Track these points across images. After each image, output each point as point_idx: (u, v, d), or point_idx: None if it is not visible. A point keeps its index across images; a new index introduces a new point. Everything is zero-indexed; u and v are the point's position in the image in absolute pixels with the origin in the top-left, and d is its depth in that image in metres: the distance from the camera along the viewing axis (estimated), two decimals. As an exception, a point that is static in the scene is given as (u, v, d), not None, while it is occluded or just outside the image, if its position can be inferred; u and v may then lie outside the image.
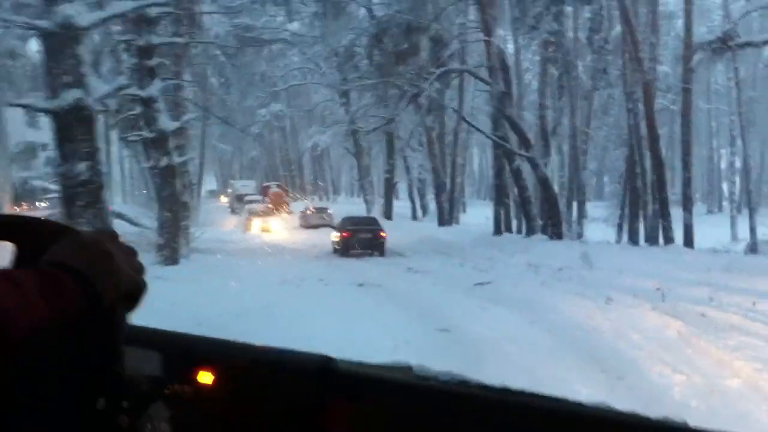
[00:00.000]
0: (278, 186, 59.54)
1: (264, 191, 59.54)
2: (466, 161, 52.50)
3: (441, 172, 36.54)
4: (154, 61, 14.64)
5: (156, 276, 11.59)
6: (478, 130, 27.38)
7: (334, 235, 26.20)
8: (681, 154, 27.02)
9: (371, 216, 29.93)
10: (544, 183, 25.70)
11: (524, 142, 25.54)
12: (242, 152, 75.65)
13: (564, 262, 17.97)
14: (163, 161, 14.52)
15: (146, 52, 14.45)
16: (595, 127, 46.13)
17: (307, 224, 39.92)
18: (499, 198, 30.33)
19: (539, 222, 27.66)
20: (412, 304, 12.45)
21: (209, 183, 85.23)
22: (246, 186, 62.43)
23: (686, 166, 26.63)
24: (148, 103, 14.48)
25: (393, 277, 17.05)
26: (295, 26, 44.06)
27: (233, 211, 55.24)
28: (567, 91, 30.18)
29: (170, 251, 14.49)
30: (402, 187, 56.48)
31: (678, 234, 25.34)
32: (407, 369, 1.24)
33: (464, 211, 60.93)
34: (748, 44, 20.43)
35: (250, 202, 50.73)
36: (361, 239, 24.82)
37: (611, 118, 46.05)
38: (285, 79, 52.92)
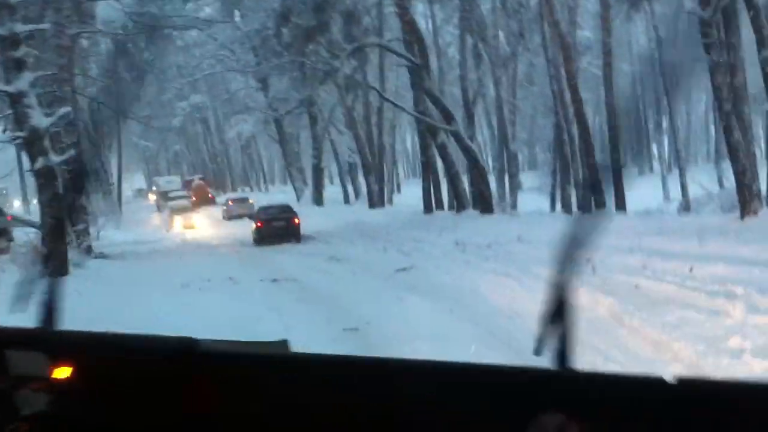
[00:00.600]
0: (201, 179, 58.39)
1: (187, 186, 58.13)
2: (395, 140, 51.49)
3: (367, 152, 35.28)
4: (20, 52, 13.02)
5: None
6: (397, 105, 26.12)
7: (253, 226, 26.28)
8: (606, 118, 26.31)
9: (285, 204, 29.56)
10: (469, 155, 24.70)
11: (446, 116, 24.49)
12: (167, 148, 73.18)
13: (493, 237, 16.97)
14: (39, 162, 12.95)
15: (10, 42, 12.84)
16: (521, 98, 45.68)
17: (230, 216, 39.43)
18: (427, 175, 29.25)
19: (469, 197, 26.77)
20: (325, 299, 11.28)
21: (138, 181, 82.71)
22: (170, 182, 60.44)
23: (612, 129, 25.99)
24: (16, 98, 12.89)
25: (311, 268, 15.83)
26: (206, 11, 42.29)
27: (159, 209, 53.36)
28: (488, 60, 29.19)
29: (57, 261, 13.01)
30: (334, 171, 55.28)
31: (610, 200, 24.78)
32: (283, 344, 1.28)
33: (398, 191, 60.10)
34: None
35: (174, 198, 49.09)
36: (276, 228, 24.85)
37: (536, 87, 45.65)
38: (201, 69, 50.95)
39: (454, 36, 38.30)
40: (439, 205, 31.09)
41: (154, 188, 64.33)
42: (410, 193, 49.47)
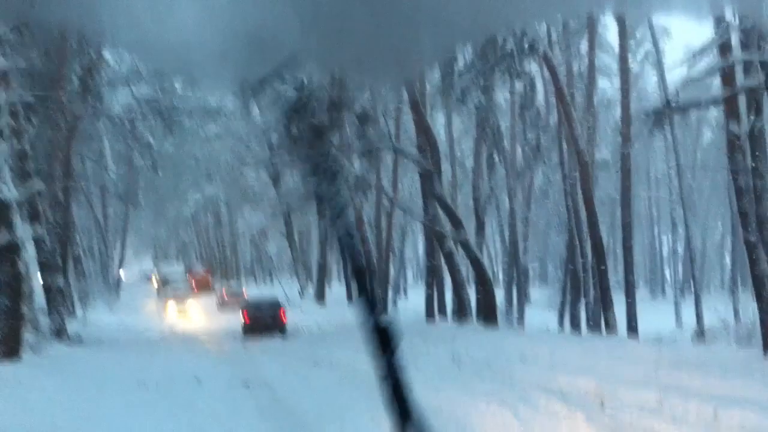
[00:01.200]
0: (205, 270, 58.22)
1: (191, 274, 57.97)
2: (405, 245, 50.40)
3: (373, 255, 34.12)
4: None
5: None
6: (404, 209, 25.06)
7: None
8: (622, 239, 25.13)
9: (274, 298, 29.67)
10: (476, 265, 23.44)
11: (455, 223, 23.39)
12: (178, 235, 72.43)
13: (493, 354, 15.54)
14: (3, 236, 11.78)
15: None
16: (535, 212, 44.76)
17: (222, 305, 39.80)
18: (432, 281, 27.93)
19: (473, 308, 25.36)
20: (295, 416, 9.82)
21: (147, 266, 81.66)
22: (173, 270, 59.58)
23: (627, 250, 24.78)
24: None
25: (292, 373, 14.36)
26: (225, 105, 42.22)
27: (159, 295, 52.24)
28: (503, 171, 28.37)
29: (8, 344, 11.69)
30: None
31: (621, 321, 23.40)
32: None
33: (405, 295, 58.57)
34: (690, 106, 18.65)
35: (174, 287, 48.27)
36: (262, 322, 24.91)
37: (550, 202, 44.76)
38: (216, 161, 50.62)
39: (469, 145, 37.85)
40: (443, 312, 29.65)
41: (156, 274, 63.37)
42: (417, 299, 47.98)
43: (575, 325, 34.54)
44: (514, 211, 36.47)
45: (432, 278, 27.73)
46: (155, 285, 58.44)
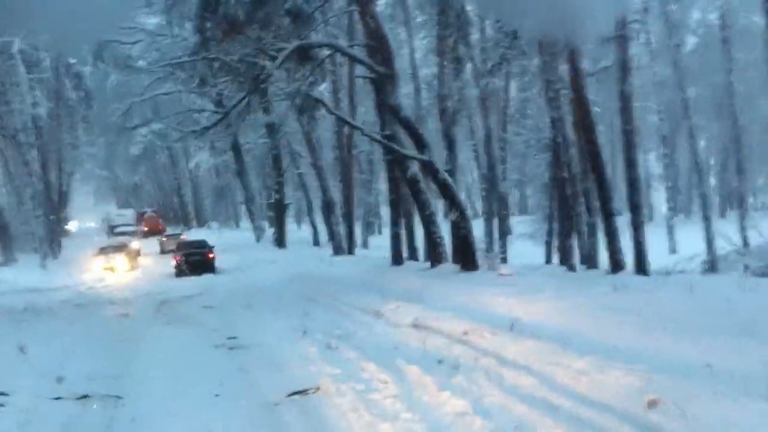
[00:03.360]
0: (153, 212, 53.95)
1: (140, 218, 53.78)
2: (375, 178, 45.34)
3: (330, 188, 29.03)
4: None
5: None
6: (355, 127, 19.64)
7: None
8: (624, 149, 20.15)
9: (203, 240, 31.38)
10: (447, 192, 18.49)
11: (417, 142, 18.39)
12: (130, 179, 66.74)
13: (471, 316, 10.80)
14: None
15: None
16: (510, 130, 39.94)
17: (163, 249, 39.22)
18: (396, 217, 22.96)
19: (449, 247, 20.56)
20: None
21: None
22: (122, 215, 54.52)
23: (631, 166, 19.92)
24: None
25: (183, 357, 9.60)
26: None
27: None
28: (472, 71, 23.20)
29: None
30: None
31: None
32: None
33: (379, 232, 53.98)
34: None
35: (119, 232, 43.62)
36: (192, 262, 26.94)
37: (531, 114, 39.93)
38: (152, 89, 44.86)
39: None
40: (414, 254, 24.87)
41: (103, 220, 58.37)
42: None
43: (566, 260, 30.08)
44: (490, 129, 31.56)
45: (397, 214, 22.74)
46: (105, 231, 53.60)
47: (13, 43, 34.40)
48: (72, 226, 77.87)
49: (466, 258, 18.15)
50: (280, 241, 37.30)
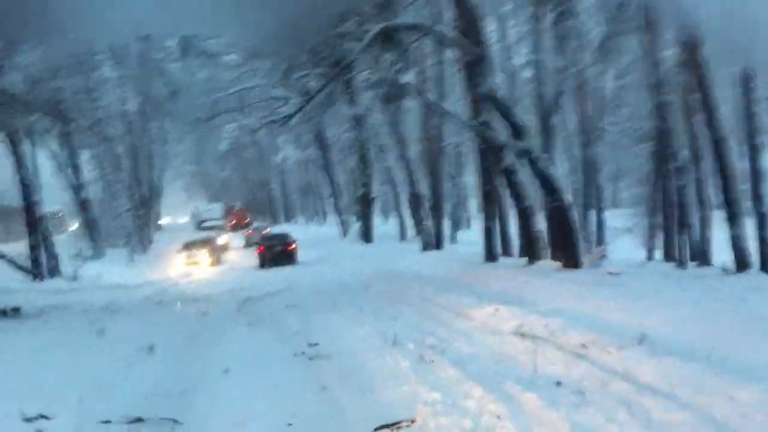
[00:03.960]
0: (242, 207, 53.98)
1: (229, 212, 54.04)
2: (465, 170, 43.59)
3: (418, 181, 27.62)
4: None
5: None
6: (448, 114, 18.08)
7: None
8: (747, 135, 17.98)
9: (285, 233, 32.40)
10: (547, 184, 16.84)
11: (514, 128, 16.79)
12: (219, 174, 67.02)
13: (587, 325, 9.30)
14: None
15: None
16: (609, 122, 37.68)
17: (248, 244, 39.36)
18: (490, 211, 21.34)
19: (544, 242, 18.89)
20: None
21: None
22: (210, 210, 54.56)
23: (755, 150, 17.76)
24: None
25: (259, 368, 8.43)
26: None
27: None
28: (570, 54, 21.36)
29: None
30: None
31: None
32: None
33: (468, 227, 52.25)
34: None
35: (205, 228, 43.54)
36: (275, 252, 28.11)
37: (627, 109, 37.60)
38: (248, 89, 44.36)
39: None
40: (507, 250, 23.24)
41: (192, 215, 58.69)
42: (480, 231, 41.69)
43: (671, 257, 27.83)
44: (586, 116, 29.55)
45: (491, 207, 21.12)
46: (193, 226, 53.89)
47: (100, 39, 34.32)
48: (164, 221, 79.19)
49: (567, 254, 16.49)
50: (366, 235, 36.19)
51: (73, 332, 11.36)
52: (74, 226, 43.91)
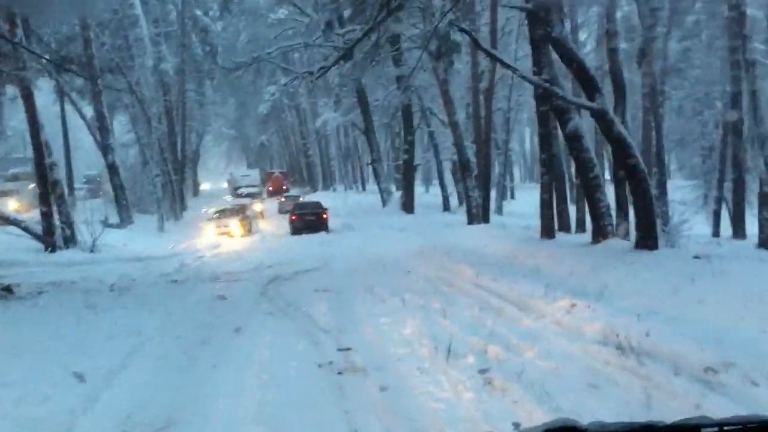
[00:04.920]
0: (280, 173, 52.25)
1: (268, 178, 52.34)
2: (510, 134, 41.06)
3: (464, 147, 25.08)
4: None
5: None
6: (509, 67, 15.46)
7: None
8: None
9: (317, 202, 32.12)
10: (621, 151, 14.28)
11: (587, 86, 14.23)
12: (258, 139, 65.06)
13: (699, 335, 6.94)
14: None
15: None
16: (672, 87, 34.80)
17: (281, 210, 38.52)
18: (549, 180, 18.76)
19: (611, 218, 16.37)
20: None
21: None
22: (246, 176, 52.69)
23: None
24: None
25: (268, 385, 6.21)
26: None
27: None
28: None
29: None
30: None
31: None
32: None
33: (512, 197, 49.73)
34: None
35: (244, 195, 41.65)
36: (307, 221, 28.06)
37: (694, 72, 34.70)
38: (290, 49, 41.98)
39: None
40: (564, 225, 20.73)
41: (228, 182, 56.96)
42: (525, 202, 39.06)
43: (739, 235, 25.23)
44: (655, 79, 26.68)
45: (549, 176, 18.54)
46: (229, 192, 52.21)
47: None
48: (205, 187, 77.79)
49: (644, 232, 13.97)
50: (408, 205, 33.91)
51: (51, 325, 9.28)
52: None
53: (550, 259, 14.13)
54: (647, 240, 13.75)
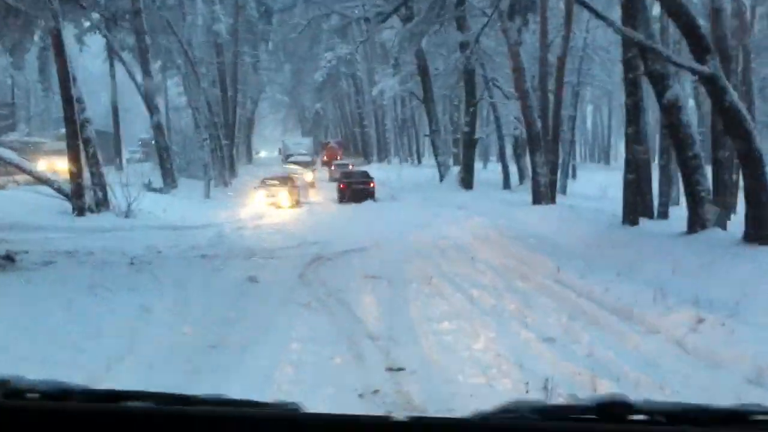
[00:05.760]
0: (337, 142, 50.39)
1: (323, 148, 50.51)
2: (577, 107, 38.24)
3: (535, 124, 22.49)
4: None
5: None
6: (604, 18, 12.91)
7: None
8: None
9: (364, 171, 32.82)
10: (734, 125, 11.74)
11: (696, 46, 11.68)
12: (313, 106, 63.08)
13: None
14: None
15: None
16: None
17: (331, 178, 38.61)
18: (636, 158, 16.15)
19: (709, 201, 13.80)
20: None
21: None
22: (299, 144, 50.84)
23: None
24: None
25: None
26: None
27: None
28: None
29: None
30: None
31: None
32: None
33: (573, 176, 46.78)
34: None
35: (294, 163, 39.89)
36: (354, 190, 28.34)
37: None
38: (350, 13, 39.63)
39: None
40: (646, 210, 18.14)
41: (280, 150, 55.21)
42: (588, 182, 36.18)
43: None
44: (748, 52, 23.70)
45: (636, 153, 15.95)
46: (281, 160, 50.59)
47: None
48: (262, 154, 76.34)
49: (757, 223, 11.49)
50: (466, 181, 31.54)
51: (31, 308, 7.38)
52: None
53: (643, 251, 11.74)
54: (761, 231, 11.28)
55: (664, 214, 19.98)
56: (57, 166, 23.53)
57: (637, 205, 16.09)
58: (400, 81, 36.99)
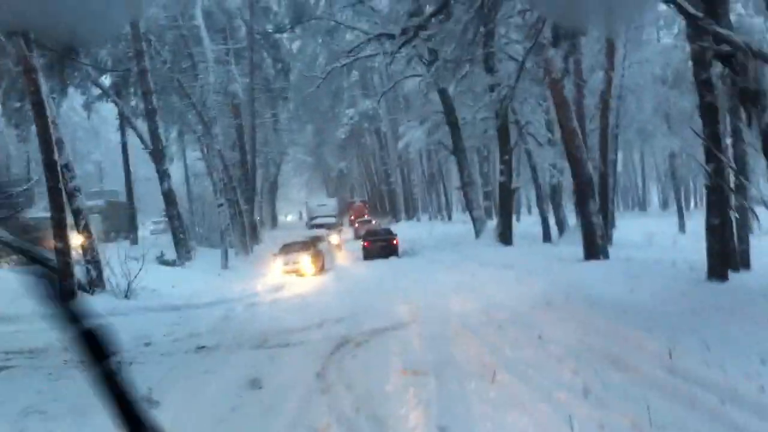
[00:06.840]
0: (362, 201, 48.58)
1: (348, 207, 48.53)
2: (617, 153, 35.75)
3: (586, 162, 19.71)
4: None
5: None
6: (697, 17, 10.30)
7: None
8: None
9: (388, 228, 33.15)
10: None
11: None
12: (335, 165, 61.21)
13: None
14: None
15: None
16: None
17: (356, 236, 38.48)
18: (717, 201, 13.39)
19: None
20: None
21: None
22: (323, 205, 48.59)
23: None
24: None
25: None
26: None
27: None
28: None
29: None
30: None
31: None
32: None
33: (613, 225, 43.69)
34: None
35: (319, 225, 37.51)
36: (378, 246, 28.93)
37: None
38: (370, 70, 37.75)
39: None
40: (727, 261, 15.23)
41: (303, 211, 53.21)
42: (629, 230, 33.12)
43: None
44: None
45: (720, 195, 13.21)
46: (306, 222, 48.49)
47: (196, 3, 28.63)
48: (289, 218, 74.32)
49: None
50: (505, 235, 28.75)
51: None
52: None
53: (753, 323, 8.90)
54: None
55: (744, 263, 17.02)
56: (74, 241, 21.34)
57: (727, 256, 13.24)
58: (428, 132, 34.65)
